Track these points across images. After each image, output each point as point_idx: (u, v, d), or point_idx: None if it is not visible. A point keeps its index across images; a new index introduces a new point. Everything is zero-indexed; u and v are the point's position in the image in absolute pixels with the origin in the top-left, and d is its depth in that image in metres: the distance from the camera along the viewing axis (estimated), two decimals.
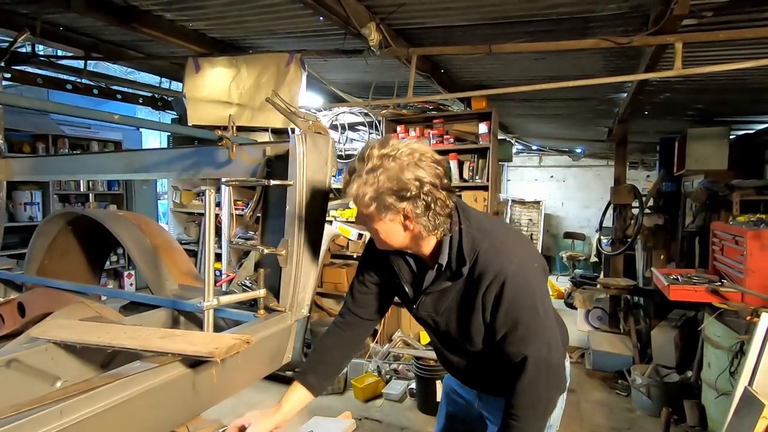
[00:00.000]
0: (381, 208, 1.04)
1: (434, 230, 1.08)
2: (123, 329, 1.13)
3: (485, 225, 1.14)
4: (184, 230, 5.50)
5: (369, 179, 1.03)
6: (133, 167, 1.91)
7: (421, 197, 1.03)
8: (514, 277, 1.07)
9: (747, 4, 1.85)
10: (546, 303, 1.13)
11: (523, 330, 1.09)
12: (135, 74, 4.98)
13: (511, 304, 1.07)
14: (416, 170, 1.02)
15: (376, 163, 1.03)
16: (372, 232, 1.13)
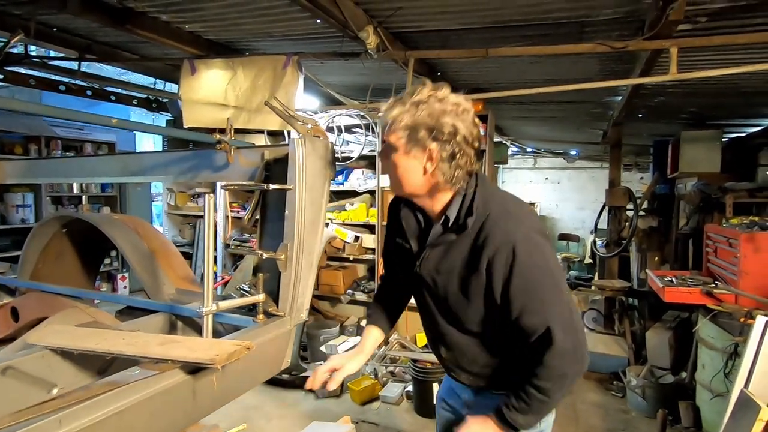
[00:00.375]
0: (411, 140, 1.06)
1: (450, 182, 1.09)
2: (121, 335, 1.11)
3: (499, 193, 1.17)
4: (178, 232, 5.46)
5: (411, 109, 1.06)
6: (129, 170, 1.90)
7: (451, 143, 1.05)
8: (525, 241, 1.05)
9: (740, 10, 1.88)
10: (558, 270, 1.10)
11: (543, 294, 1.05)
12: (128, 75, 4.96)
13: (526, 269, 1.04)
14: (456, 119, 1.04)
15: (423, 98, 1.05)
16: (390, 169, 1.14)
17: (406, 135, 1.07)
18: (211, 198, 1.16)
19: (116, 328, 1.29)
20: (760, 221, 2.72)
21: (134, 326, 1.36)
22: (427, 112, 1.04)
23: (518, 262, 1.04)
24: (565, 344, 1.03)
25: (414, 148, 1.07)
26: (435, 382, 3.25)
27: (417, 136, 1.05)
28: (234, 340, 1.01)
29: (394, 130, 1.09)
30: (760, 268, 2.56)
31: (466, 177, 1.11)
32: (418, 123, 1.05)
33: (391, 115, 1.09)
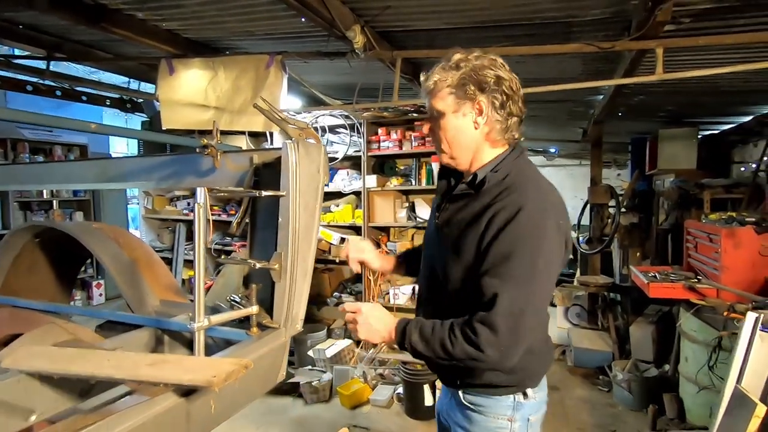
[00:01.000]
0: (458, 98, 1.08)
1: (506, 132, 1.11)
2: (106, 355, 1.04)
3: (534, 169, 1.16)
4: (157, 237, 5.29)
5: (451, 70, 1.09)
6: (106, 176, 1.80)
7: (500, 92, 1.07)
8: (534, 210, 1.02)
9: (723, 11, 1.91)
10: (551, 267, 1.04)
11: (517, 267, 1.00)
12: (99, 75, 4.77)
13: (518, 234, 1.01)
14: (498, 71, 1.07)
15: (461, 58, 1.09)
16: (439, 135, 1.15)
17: (453, 95, 1.09)
18: (201, 206, 1.10)
19: (99, 347, 1.22)
20: (739, 217, 2.80)
21: (118, 343, 1.29)
22: (469, 68, 1.07)
23: (516, 223, 1.01)
24: (499, 325, 0.98)
25: (463, 105, 1.09)
26: (425, 383, 3.23)
27: (463, 91, 1.07)
28: (231, 358, 0.95)
29: (438, 94, 1.11)
30: (740, 263, 2.63)
31: (517, 128, 1.12)
32: (462, 79, 1.07)
33: (432, 80, 1.11)
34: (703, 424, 2.90)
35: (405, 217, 4.05)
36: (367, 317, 1.15)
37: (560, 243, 1.07)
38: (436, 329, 1.06)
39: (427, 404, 3.25)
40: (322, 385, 3.57)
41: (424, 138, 3.87)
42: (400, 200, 4.19)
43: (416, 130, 3.91)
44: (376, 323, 1.14)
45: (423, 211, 4.06)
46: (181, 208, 5.08)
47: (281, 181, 1.27)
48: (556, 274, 1.08)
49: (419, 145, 3.87)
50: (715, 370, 2.52)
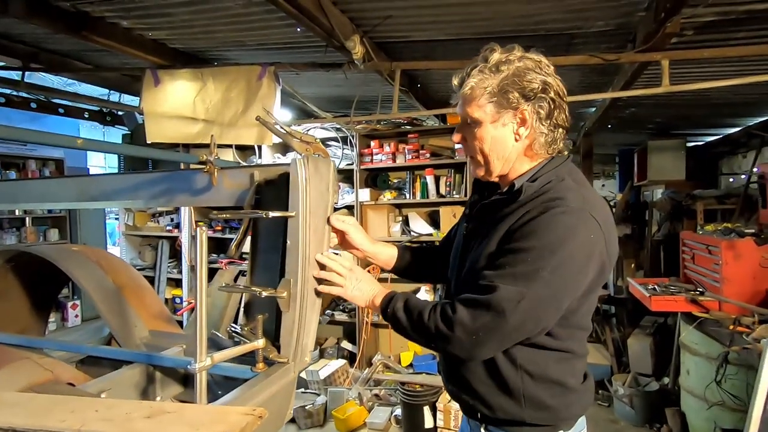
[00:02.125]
0: (499, 106, 0.96)
1: (550, 145, 0.99)
2: (93, 404, 0.90)
3: (583, 178, 1.03)
4: (138, 255, 5.06)
5: (491, 73, 0.96)
6: (88, 194, 1.65)
7: (548, 98, 0.95)
8: (564, 214, 0.90)
9: (727, 23, 1.91)
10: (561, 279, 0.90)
11: (515, 261, 0.90)
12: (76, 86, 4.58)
13: (533, 229, 0.91)
14: (545, 75, 0.96)
15: (502, 59, 0.95)
16: (473, 145, 1.03)
17: (493, 102, 0.96)
18: (204, 231, 0.98)
19: (83, 392, 1.07)
20: (737, 228, 2.80)
21: (105, 384, 1.14)
22: (511, 71, 0.94)
23: (539, 220, 0.91)
24: (479, 314, 0.90)
25: (503, 115, 0.97)
26: (425, 405, 3.11)
27: (505, 99, 0.95)
28: (241, 408, 0.83)
29: (474, 101, 0.98)
30: (741, 275, 2.61)
31: (562, 139, 1.01)
32: (504, 85, 0.94)
33: (469, 86, 0.97)
34: None
35: (399, 231, 3.96)
36: (359, 276, 1.13)
37: (587, 258, 0.92)
38: (420, 302, 1.02)
39: (427, 426, 3.12)
40: (316, 408, 3.41)
41: (418, 151, 3.80)
42: (394, 214, 4.10)
43: (409, 143, 3.85)
44: (365, 284, 1.12)
45: (417, 225, 3.97)
46: (164, 225, 4.88)
47: (290, 201, 1.16)
48: (568, 290, 0.93)
49: (413, 158, 3.80)
50: (723, 385, 2.48)
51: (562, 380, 1.01)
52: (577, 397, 1.04)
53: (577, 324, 1.01)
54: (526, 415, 1.01)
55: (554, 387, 1.01)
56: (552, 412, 1.01)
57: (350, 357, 4.11)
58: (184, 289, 4.60)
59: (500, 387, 1.02)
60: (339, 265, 1.14)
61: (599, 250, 0.94)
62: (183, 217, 4.54)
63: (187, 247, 4.53)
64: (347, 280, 1.12)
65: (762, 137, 3.47)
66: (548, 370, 1.00)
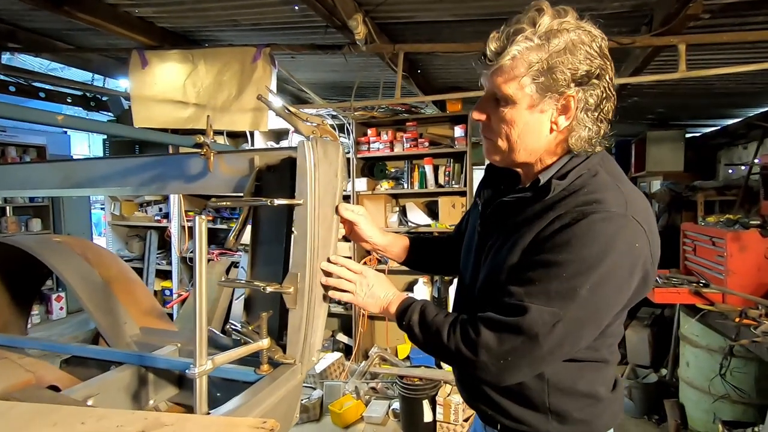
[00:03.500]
0: (542, 88, 0.79)
1: (589, 141, 0.83)
2: (79, 414, 0.80)
3: (619, 172, 0.90)
4: (125, 246, 4.90)
5: (540, 42, 0.78)
6: (73, 181, 1.53)
7: (600, 87, 0.80)
8: (604, 221, 0.77)
9: (745, 6, 1.83)
10: (602, 297, 0.79)
11: (549, 278, 0.78)
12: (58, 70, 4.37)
13: (569, 240, 0.78)
14: (601, 56, 0.80)
15: (554, 26, 0.78)
16: (499, 128, 0.86)
17: (538, 82, 0.79)
18: (203, 220, 0.88)
19: (69, 398, 0.97)
20: (741, 219, 2.77)
21: (93, 389, 1.04)
22: (564, 44, 0.77)
23: (575, 229, 0.78)
24: (506, 339, 0.80)
25: (545, 99, 0.80)
26: (424, 399, 3.06)
27: (553, 80, 0.78)
28: (251, 420, 0.74)
29: (515, 75, 0.79)
30: (746, 266, 2.58)
31: (605, 132, 0.84)
32: (555, 63, 0.77)
33: (511, 54, 0.78)
34: (705, 430, 2.85)
35: (396, 222, 3.87)
36: (371, 281, 1.03)
37: (629, 270, 0.80)
38: (439, 317, 0.92)
39: (426, 420, 3.07)
40: (312, 403, 3.34)
41: (416, 139, 3.70)
42: (391, 204, 4.01)
43: (408, 131, 3.74)
44: (378, 289, 1.02)
45: (415, 216, 3.89)
46: (152, 215, 4.72)
47: (297, 188, 1.06)
48: (608, 307, 0.82)
49: (411, 146, 3.70)
50: (727, 377, 2.46)
51: (592, 392, 0.93)
52: (607, 407, 0.96)
53: (611, 332, 0.91)
54: (552, 428, 0.92)
55: (583, 399, 0.92)
56: (581, 424, 0.93)
57: (346, 350, 4.04)
58: (173, 280, 4.47)
59: (523, 399, 0.93)
60: (347, 271, 1.05)
61: (643, 260, 0.82)
62: (173, 207, 4.39)
63: (176, 237, 4.39)
64: (358, 286, 1.03)
65: (764, 128, 3.44)
66: (578, 382, 0.91)
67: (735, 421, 2.53)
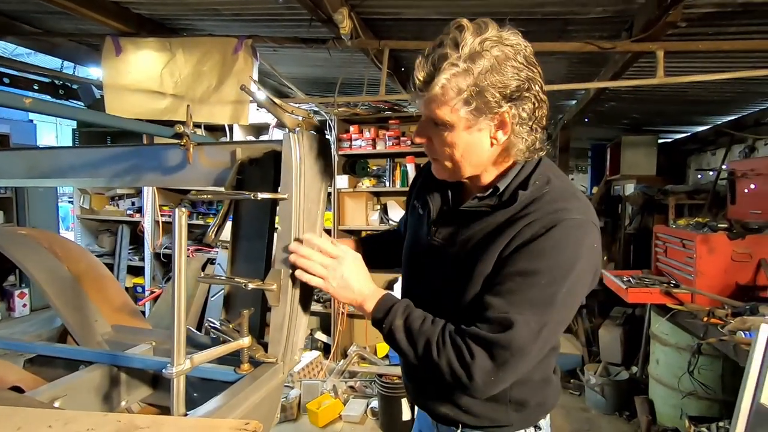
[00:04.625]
0: (477, 110, 0.80)
1: (527, 150, 0.86)
2: (46, 417, 0.76)
3: (564, 174, 0.96)
4: (95, 240, 4.71)
5: (465, 65, 0.77)
6: (39, 170, 1.45)
7: (531, 98, 0.81)
8: (573, 228, 0.83)
9: (722, 16, 1.90)
10: (574, 298, 0.85)
11: (530, 288, 0.81)
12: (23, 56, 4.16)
13: (544, 249, 0.81)
14: (527, 67, 0.80)
15: (476, 47, 0.77)
16: (442, 150, 0.88)
17: (471, 106, 0.80)
18: (183, 213, 0.84)
19: (33, 401, 0.91)
20: (709, 223, 2.87)
21: (60, 390, 0.98)
22: (490, 63, 0.77)
23: (548, 238, 0.81)
24: (500, 356, 0.81)
25: (480, 119, 0.81)
26: (404, 398, 3.06)
27: (483, 102, 0.79)
28: (233, 421, 0.71)
29: (445, 101, 0.80)
30: (714, 268, 2.68)
31: (541, 142, 0.88)
32: (481, 83, 0.78)
33: (439, 85, 0.79)
34: (673, 425, 2.95)
35: (377, 220, 3.86)
36: (347, 270, 0.94)
37: (591, 271, 0.87)
38: (426, 324, 0.88)
39: (404, 419, 3.07)
40: (290, 402, 3.29)
41: (399, 138, 3.69)
42: (372, 202, 3.99)
43: (390, 129, 3.73)
44: (354, 281, 0.94)
45: (396, 214, 3.88)
46: (124, 209, 4.55)
47: (282, 181, 1.03)
48: (576, 306, 0.89)
49: (393, 145, 3.69)
50: (695, 375, 2.55)
51: (545, 377, 1.00)
52: (554, 388, 1.04)
53: None
54: (513, 418, 0.99)
55: (538, 385, 0.99)
56: (535, 408, 1.00)
57: (325, 348, 4.01)
58: (146, 277, 4.33)
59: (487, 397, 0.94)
60: (319, 255, 0.95)
61: (599, 258, 0.90)
62: (146, 201, 4.25)
63: (150, 232, 4.25)
64: (330, 272, 0.94)
65: (731, 135, 3.58)
66: (535, 372, 0.96)
67: (701, 416, 2.63)
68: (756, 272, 2.63)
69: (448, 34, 0.80)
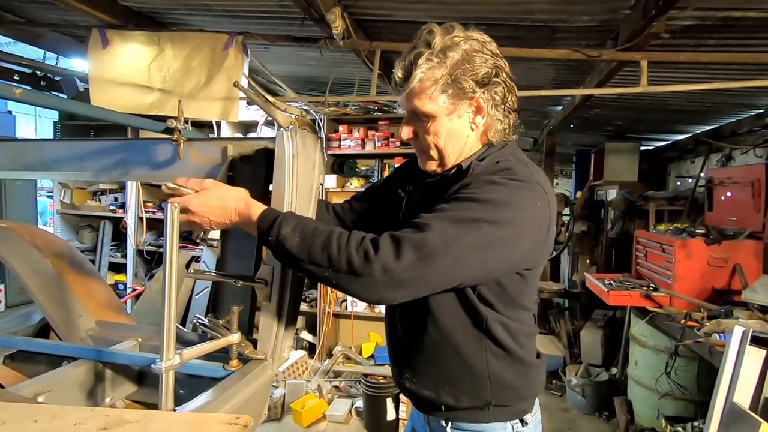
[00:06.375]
0: (455, 97, 0.89)
1: (504, 132, 0.95)
2: (30, 412, 0.74)
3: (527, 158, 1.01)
4: (76, 236, 4.61)
5: (438, 59, 0.87)
6: (22, 163, 1.42)
7: (501, 83, 0.91)
8: (514, 182, 0.88)
9: (702, 29, 1.96)
10: (497, 237, 0.85)
11: (455, 207, 0.85)
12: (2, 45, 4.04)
13: (481, 188, 0.87)
14: (494, 57, 0.90)
15: (447, 42, 0.88)
16: (427, 141, 0.95)
17: (447, 93, 0.89)
18: (175, 209, 0.84)
19: (16, 396, 0.89)
20: (688, 228, 2.96)
21: (44, 386, 0.97)
22: (460, 55, 0.87)
23: (483, 183, 0.88)
24: (407, 254, 0.80)
25: (458, 105, 0.90)
26: (388, 397, 3.07)
27: (459, 89, 0.88)
28: (223, 415, 0.71)
29: (426, 93, 0.89)
30: (692, 272, 2.77)
31: (514, 124, 0.96)
32: (456, 73, 0.87)
33: (417, 78, 0.88)
34: (651, 425, 3.03)
35: None
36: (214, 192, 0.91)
37: (536, 226, 0.90)
38: (321, 228, 0.87)
39: (389, 419, 3.08)
40: (274, 401, 3.27)
41: (388, 139, 3.71)
42: None
43: (380, 129, 3.74)
44: (226, 198, 0.91)
45: None
46: (107, 204, 4.46)
47: (274, 178, 1.03)
48: (498, 250, 0.87)
49: (382, 145, 3.70)
50: (672, 376, 2.62)
51: (522, 355, 1.01)
52: (535, 374, 1.05)
53: (523, 305, 1.00)
54: (492, 395, 0.99)
55: (515, 363, 1.00)
56: (515, 390, 1.01)
57: (310, 348, 3.99)
58: (128, 274, 4.25)
59: (467, 371, 0.99)
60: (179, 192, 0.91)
61: (544, 220, 0.91)
62: (129, 196, 4.17)
63: (133, 229, 4.17)
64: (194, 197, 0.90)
65: (709, 144, 3.70)
66: (510, 348, 0.98)
67: (677, 416, 2.71)
68: (731, 277, 2.72)
69: (420, 37, 0.91)
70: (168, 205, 0.83)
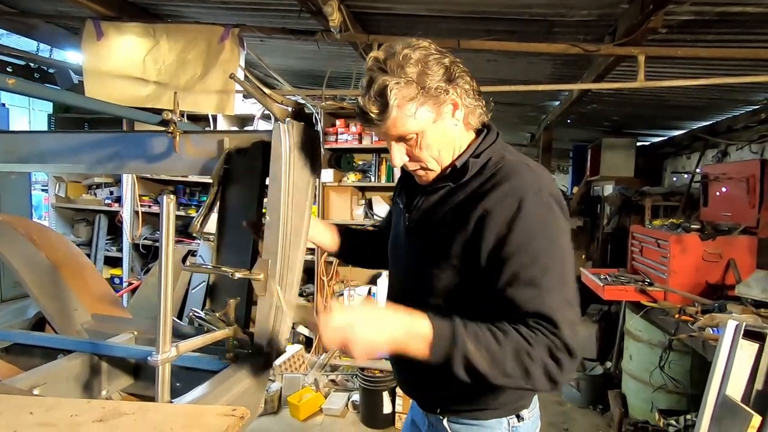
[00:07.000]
0: (433, 104, 0.90)
1: (481, 116, 0.98)
2: (27, 404, 0.74)
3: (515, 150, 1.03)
4: (71, 230, 4.58)
5: (398, 76, 0.87)
6: (18, 155, 1.41)
7: (460, 73, 0.93)
8: (538, 199, 0.88)
9: (700, 24, 1.96)
10: (570, 254, 0.89)
11: (545, 271, 0.83)
12: None
13: (532, 229, 0.86)
14: (439, 54, 0.92)
15: (401, 61, 0.88)
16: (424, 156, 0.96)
17: (423, 105, 0.89)
18: (171, 200, 0.83)
19: (12, 388, 0.89)
20: (683, 224, 2.98)
21: (39, 378, 0.96)
22: (417, 66, 0.88)
23: (524, 216, 0.86)
24: (571, 346, 0.83)
25: (438, 110, 0.91)
26: (385, 391, 3.09)
27: (431, 95, 0.89)
28: (218, 407, 0.71)
29: (405, 115, 0.89)
30: (686, 267, 2.79)
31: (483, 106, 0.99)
32: (422, 82, 0.88)
33: (393, 104, 0.87)
34: (644, 418, 3.06)
35: (362, 215, 3.86)
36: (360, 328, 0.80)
37: (566, 220, 0.93)
38: (498, 336, 0.82)
39: (385, 412, 3.10)
40: (270, 395, 3.28)
41: None
42: (357, 197, 3.99)
43: None
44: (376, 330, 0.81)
45: (381, 209, 3.90)
46: (102, 198, 4.44)
47: (271, 171, 1.03)
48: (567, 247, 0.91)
49: (380, 140, 3.69)
50: (666, 370, 2.64)
51: None
52: None
53: None
54: (489, 393, 0.99)
55: None
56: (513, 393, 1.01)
57: (306, 342, 4.00)
58: (124, 268, 4.23)
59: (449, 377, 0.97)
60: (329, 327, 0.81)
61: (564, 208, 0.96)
62: (125, 190, 4.15)
63: (128, 222, 4.16)
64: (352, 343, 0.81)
65: (705, 140, 3.71)
66: None
67: (670, 409, 2.74)
68: (725, 272, 2.74)
69: (372, 70, 0.91)
70: (164, 198, 0.82)
